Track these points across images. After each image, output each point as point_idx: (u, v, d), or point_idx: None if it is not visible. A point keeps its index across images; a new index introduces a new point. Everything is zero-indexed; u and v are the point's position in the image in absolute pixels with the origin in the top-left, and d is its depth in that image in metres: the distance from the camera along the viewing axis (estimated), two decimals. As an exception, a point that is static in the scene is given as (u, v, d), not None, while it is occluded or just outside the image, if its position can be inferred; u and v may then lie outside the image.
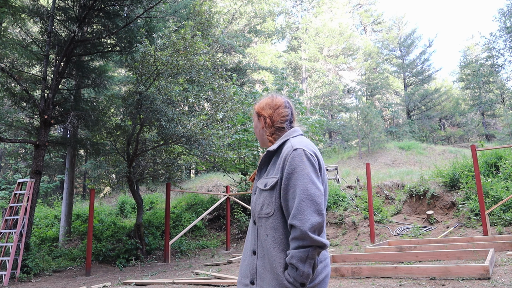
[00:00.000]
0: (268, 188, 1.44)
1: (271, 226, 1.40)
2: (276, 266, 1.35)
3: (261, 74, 29.23)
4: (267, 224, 1.41)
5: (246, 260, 1.51)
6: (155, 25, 9.70)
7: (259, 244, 1.45)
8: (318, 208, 1.32)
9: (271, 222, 1.41)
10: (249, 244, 1.53)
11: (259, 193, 1.49)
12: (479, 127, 31.99)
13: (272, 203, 1.41)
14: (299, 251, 1.30)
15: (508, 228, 7.88)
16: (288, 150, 1.44)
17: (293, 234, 1.32)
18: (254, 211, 1.50)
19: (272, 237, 1.39)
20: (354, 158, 21.42)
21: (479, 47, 34.35)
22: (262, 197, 1.46)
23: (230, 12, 26.86)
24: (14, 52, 8.92)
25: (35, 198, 8.34)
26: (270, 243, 1.39)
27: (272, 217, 1.41)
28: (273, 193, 1.42)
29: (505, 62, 28.27)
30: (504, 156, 10.14)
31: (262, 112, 1.65)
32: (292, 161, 1.40)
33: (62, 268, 8.75)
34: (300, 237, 1.30)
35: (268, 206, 1.42)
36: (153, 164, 10.69)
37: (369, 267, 5.05)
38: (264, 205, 1.44)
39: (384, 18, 40.28)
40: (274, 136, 1.60)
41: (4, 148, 18.34)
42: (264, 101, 1.67)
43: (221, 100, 10.47)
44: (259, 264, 1.43)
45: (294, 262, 1.30)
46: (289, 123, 1.63)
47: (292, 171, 1.38)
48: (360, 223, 10.15)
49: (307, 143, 1.48)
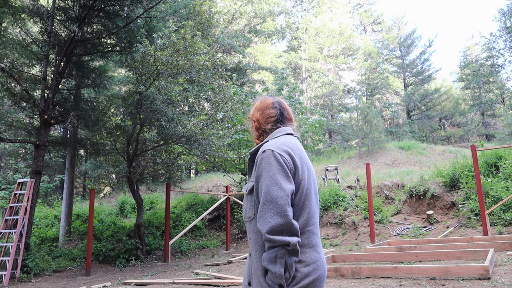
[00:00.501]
0: (247, 192, 1.49)
1: (253, 229, 1.43)
2: (257, 269, 1.39)
3: (261, 74, 29.23)
4: (250, 228, 1.46)
5: (248, 262, 1.56)
6: (155, 25, 9.70)
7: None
8: (279, 210, 1.31)
9: (253, 225, 1.44)
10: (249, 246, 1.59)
11: (244, 197, 1.54)
12: (479, 127, 31.99)
13: (253, 207, 1.45)
14: (267, 253, 1.32)
15: (508, 228, 7.88)
16: (259, 153, 1.45)
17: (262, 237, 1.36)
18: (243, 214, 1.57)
19: (254, 240, 1.42)
20: (354, 158, 21.42)
21: (479, 47, 34.36)
22: (245, 201, 1.51)
23: (230, 12, 26.85)
24: (14, 52, 8.92)
25: (35, 198, 8.34)
26: (253, 246, 1.43)
27: (253, 221, 1.43)
28: (252, 197, 1.46)
29: (505, 62, 28.28)
30: (504, 156, 10.14)
31: (253, 116, 1.68)
32: (260, 164, 1.41)
33: (62, 268, 8.75)
34: (265, 239, 1.32)
35: (250, 210, 1.46)
36: (153, 164, 10.69)
37: (369, 267, 5.05)
38: (247, 209, 1.48)
39: (384, 18, 40.30)
40: (261, 138, 1.61)
41: (4, 148, 18.34)
42: (255, 104, 1.68)
43: (221, 100, 10.47)
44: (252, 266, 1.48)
45: (265, 265, 1.32)
46: (275, 123, 1.60)
47: (259, 174, 1.40)
48: (360, 223, 10.15)
49: (281, 142, 1.46)
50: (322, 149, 26.72)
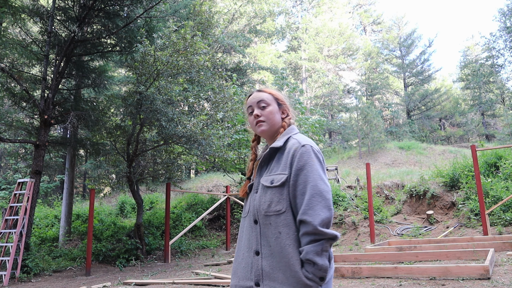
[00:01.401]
0: (278, 184, 1.41)
1: (284, 223, 1.38)
2: (294, 263, 1.33)
3: (261, 74, 29.23)
4: (279, 222, 1.38)
5: (243, 262, 1.45)
6: (155, 25, 9.69)
7: (264, 244, 1.40)
8: (327, 204, 1.35)
9: (283, 219, 1.38)
10: (246, 245, 1.46)
11: (263, 191, 1.45)
12: (479, 127, 32.00)
13: (283, 200, 1.40)
14: (313, 246, 1.31)
15: (508, 228, 7.88)
16: (295, 146, 1.44)
17: (304, 229, 1.33)
18: (257, 209, 1.44)
19: (286, 234, 1.37)
20: (354, 158, 21.42)
21: (479, 47, 34.36)
22: (270, 194, 1.42)
23: (230, 12, 26.85)
24: (14, 52, 8.92)
25: (35, 198, 8.34)
26: (285, 240, 1.36)
27: (284, 214, 1.39)
28: (283, 190, 1.41)
29: (505, 62, 28.28)
30: (504, 156, 10.14)
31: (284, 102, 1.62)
32: (301, 158, 1.40)
33: (62, 268, 8.75)
34: (312, 232, 1.31)
35: (279, 203, 1.39)
36: (153, 164, 10.69)
37: (369, 267, 5.05)
38: (273, 202, 1.40)
39: (384, 18, 40.36)
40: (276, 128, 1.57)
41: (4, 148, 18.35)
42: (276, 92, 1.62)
43: (221, 100, 10.47)
44: (266, 264, 1.38)
45: (311, 257, 1.30)
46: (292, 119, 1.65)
47: (301, 167, 1.39)
48: (360, 223, 10.15)
49: (310, 140, 1.49)
50: (322, 149, 26.72)
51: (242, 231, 1.52)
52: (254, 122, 1.55)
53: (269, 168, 1.48)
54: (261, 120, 1.52)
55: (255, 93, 1.59)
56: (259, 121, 1.53)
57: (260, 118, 1.52)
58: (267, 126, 1.52)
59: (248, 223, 1.48)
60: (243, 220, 1.54)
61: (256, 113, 1.52)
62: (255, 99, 1.56)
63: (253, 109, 1.55)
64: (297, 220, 1.37)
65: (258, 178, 1.51)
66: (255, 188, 1.49)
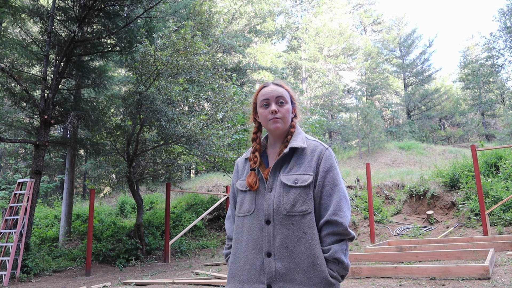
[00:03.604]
0: (304, 185, 1.39)
1: (310, 223, 1.37)
2: (320, 263, 1.33)
3: (261, 74, 29.22)
4: (304, 222, 1.37)
5: (248, 264, 1.39)
6: (155, 25, 9.69)
7: (279, 245, 1.36)
8: (349, 206, 1.43)
9: (309, 219, 1.37)
10: (252, 246, 1.40)
11: (284, 190, 1.40)
12: (479, 127, 31.99)
13: (309, 201, 1.39)
14: (340, 245, 1.35)
15: (508, 228, 7.88)
16: (320, 148, 1.47)
17: (333, 229, 1.36)
18: (275, 209, 1.39)
19: (312, 234, 1.36)
20: (354, 158, 21.41)
21: (479, 47, 34.36)
22: (294, 194, 1.38)
23: (230, 12, 26.85)
24: (14, 52, 8.92)
25: (35, 198, 8.34)
26: (311, 240, 1.35)
27: (310, 215, 1.38)
28: (309, 190, 1.40)
29: (505, 62, 28.29)
30: (504, 156, 10.14)
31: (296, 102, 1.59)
32: (327, 160, 1.44)
33: (62, 268, 8.75)
34: (342, 232, 1.36)
35: (305, 203, 1.38)
36: (153, 164, 10.69)
37: (369, 267, 5.05)
38: (298, 202, 1.38)
39: (384, 18, 40.33)
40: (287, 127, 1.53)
41: (4, 148, 18.35)
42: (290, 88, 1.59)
43: (221, 100, 10.47)
44: (280, 266, 1.34)
45: (339, 256, 1.34)
46: None
47: (328, 169, 1.42)
48: (360, 223, 10.15)
49: None
50: (322, 149, 26.66)
51: (242, 231, 1.44)
52: (268, 117, 1.48)
53: (288, 167, 1.44)
54: (278, 117, 1.48)
55: (273, 86, 1.52)
56: (276, 118, 1.47)
57: (277, 115, 1.48)
58: (282, 124, 1.49)
59: (256, 223, 1.41)
60: (242, 219, 1.46)
61: (274, 109, 1.47)
62: (274, 93, 1.49)
63: (270, 103, 1.49)
64: (324, 220, 1.38)
65: (273, 176, 1.44)
66: (269, 187, 1.43)
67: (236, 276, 1.41)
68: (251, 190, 1.46)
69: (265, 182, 1.45)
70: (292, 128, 1.53)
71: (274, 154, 1.52)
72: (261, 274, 1.36)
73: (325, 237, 1.37)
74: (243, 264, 1.40)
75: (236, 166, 1.63)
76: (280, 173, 1.44)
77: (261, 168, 1.50)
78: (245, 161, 1.59)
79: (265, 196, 1.42)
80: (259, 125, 1.59)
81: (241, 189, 1.51)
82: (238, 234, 1.46)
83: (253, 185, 1.45)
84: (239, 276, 1.40)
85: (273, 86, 1.53)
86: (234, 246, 1.47)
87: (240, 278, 1.40)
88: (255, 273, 1.37)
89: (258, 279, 1.36)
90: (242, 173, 1.56)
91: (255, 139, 1.57)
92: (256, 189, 1.45)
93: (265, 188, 1.44)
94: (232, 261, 1.45)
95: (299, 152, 1.47)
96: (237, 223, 1.49)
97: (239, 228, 1.47)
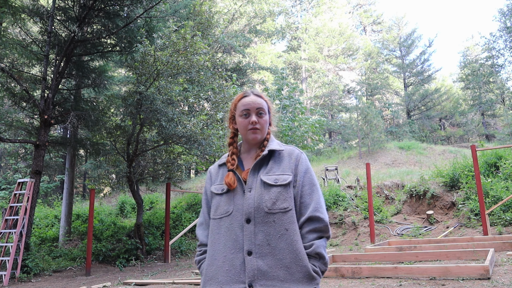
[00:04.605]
0: (284, 183, 1.45)
1: (291, 220, 1.42)
2: (303, 258, 1.37)
3: (261, 74, 29.24)
4: (285, 219, 1.41)
5: (226, 265, 1.38)
6: (155, 25, 9.70)
7: (260, 243, 1.37)
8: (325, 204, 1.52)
9: (290, 216, 1.42)
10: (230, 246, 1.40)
11: (265, 189, 1.43)
12: (479, 127, 32.00)
13: (290, 198, 1.45)
14: (322, 241, 1.42)
15: (508, 228, 7.88)
16: (296, 152, 1.56)
17: (315, 226, 1.43)
18: (255, 207, 1.41)
19: (293, 230, 1.40)
20: (354, 158, 21.42)
21: (479, 47, 34.37)
22: (274, 192, 1.43)
23: (230, 12, 26.85)
24: (14, 52, 8.92)
25: (35, 198, 8.34)
26: (292, 236, 1.39)
27: (290, 212, 1.43)
28: (289, 189, 1.46)
29: (505, 62, 28.29)
30: (504, 156, 10.14)
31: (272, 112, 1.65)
32: (304, 162, 1.53)
33: (62, 268, 8.75)
34: (323, 229, 1.44)
35: (285, 201, 1.43)
36: (153, 164, 10.69)
37: (369, 267, 5.05)
38: (279, 200, 1.42)
39: (384, 18, 40.35)
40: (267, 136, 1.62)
41: (4, 148, 18.35)
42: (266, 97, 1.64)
43: (221, 100, 10.47)
44: (262, 264, 1.35)
45: (321, 251, 1.40)
46: None
47: (306, 171, 1.52)
48: (360, 223, 10.15)
49: None
50: (322, 149, 26.72)
51: (219, 232, 1.44)
52: (248, 127, 1.53)
53: (267, 168, 1.50)
54: (257, 128, 1.53)
55: (253, 97, 1.57)
56: (255, 129, 1.53)
57: (257, 125, 1.53)
58: (260, 135, 1.54)
59: (235, 222, 1.42)
60: (219, 222, 1.46)
61: (254, 120, 1.52)
62: (255, 104, 1.54)
63: (250, 113, 1.53)
64: (306, 217, 1.43)
65: (252, 176, 1.47)
66: (249, 187, 1.46)
67: (214, 278, 1.40)
68: (229, 190, 1.48)
69: (243, 183, 1.48)
70: (268, 135, 1.59)
71: (250, 159, 1.57)
72: (241, 274, 1.35)
73: (307, 234, 1.42)
74: (221, 265, 1.39)
75: (208, 174, 1.64)
76: (259, 174, 1.48)
77: (238, 171, 1.53)
78: (219, 168, 1.61)
79: (244, 195, 1.45)
80: (236, 131, 1.64)
81: (216, 192, 1.52)
82: (215, 236, 1.46)
83: (232, 184, 1.47)
84: (217, 277, 1.39)
85: (253, 96, 1.58)
86: (210, 249, 1.46)
87: (219, 279, 1.38)
88: (235, 273, 1.36)
89: (239, 279, 1.35)
90: (216, 178, 1.58)
91: (232, 143, 1.62)
92: (234, 190, 1.48)
93: (243, 188, 1.47)
94: (208, 264, 1.43)
95: (276, 154, 1.54)
96: (212, 226, 1.48)
97: (215, 230, 1.46)
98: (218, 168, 1.61)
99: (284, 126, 12.19)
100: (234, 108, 1.60)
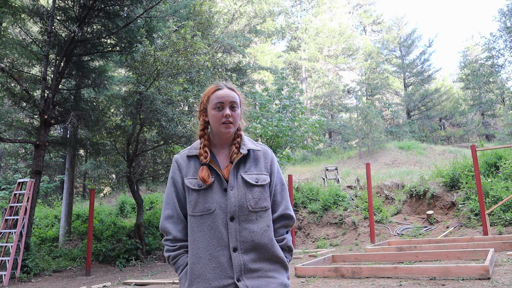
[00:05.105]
0: (264, 183, 1.53)
1: (269, 217, 1.53)
2: (278, 251, 1.50)
3: (261, 74, 29.24)
4: (265, 216, 1.50)
5: (213, 262, 1.40)
6: (155, 25, 9.70)
7: (244, 239, 1.41)
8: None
9: (268, 214, 1.53)
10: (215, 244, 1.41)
11: (247, 188, 1.47)
12: (479, 127, 32.00)
13: (268, 197, 1.54)
14: (289, 235, 1.59)
15: (508, 228, 7.88)
16: (269, 152, 1.65)
17: (286, 222, 1.58)
18: (239, 206, 1.44)
19: (271, 227, 1.52)
20: (354, 158, 21.42)
21: (479, 47, 34.36)
22: (257, 192, 1.50)
23: (230, 12, 26.85)
24: (14, 52, 8.92)
25: (35, 198, 8.34)
26: (270, 233, 1.50)
27: (268, 210, 1.53)
28: (267, 188, 1.55)
29: (505, 62, 28.29)
30: (504, 156, 10.13)
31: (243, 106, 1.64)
32: (275, 162, 1.64)
33: (62, 268, 8.75)
34: (291, 224, 1.60)
35: (265, 200, 1.52)
36: (153, 164, 10.69)
37: (369, 267, 5.05)
38: (261, 199, 1.50)
39: (384, 18, 40.34)
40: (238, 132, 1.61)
41: (4, 148, 18.35)
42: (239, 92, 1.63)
43: (221, 100, 10.45)
44: (247, 259, 1.40)
45: (290, 245, 1.57)
46: None
47: (278, 170, 1.64)
48: (360, 223, 10.15)
49: None
50: (322, 149, 26.73)
51: (202, 230, 1.43)
52: (221, 121, 1.51)
53: (245, 167, 1.53)
54: (230, 121, 1.52)
55: (227, 90, 1.55)
56: (228, 122, 1.51)
57: (230, 119, 1.52)
58: (233, 129, 1.54)
59: (219, 220, 1.42)
60: (199, 219, 1.44)
61: (227, 113, 1.50)
62: (228, 97, 1.53)
63: (224, 106, 1.52)
64: (278, 214, 1.56)
65: (233, 175, 1.48)
66: (230, 186, 1.46)
67: (201, 276, 1.40)
68: (205, 185, 1.46)
69: (224, 180, 1.47)
70: (239, 131, 1.61)
71: (223, 155, 1.55)
72: (228, 270, 1.40)
73: (279, 229, 1.56)
74: (207, 263, 1.40)
75: (175, 164, 1.57)
76: (239, 172, 1.51)
77: (214, 165, 1.50)
78: (188, 159, 1.55)
79: (227, 194, 1.46)
80: (206, 124, 1.61)
81: (192, 187, 1.47)
82: (197, 234, 1.44)
83: (206, 179, 1.45)
84: (204, 275, 1.40)
85: (227, 90, 1.56)
86: (193, 247, 1.44)
87: (207, 277, 1.39)
88: (222, 270, 1.39)
89: (227, 275, 1.39)
90: (188, 171, 1.52)
91: (203, 135, 1.58)
92: (212, 186, 1.46)
93: (223, 186, 1.47)
94: (193, 262, 1.42)
95: (253, 154, 1.59)
96: (193, 223, 1.46)
97: (196, 228, 1.44)
98: (187, 159, 1.56)
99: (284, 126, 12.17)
100: (207, 101, 1.57)
